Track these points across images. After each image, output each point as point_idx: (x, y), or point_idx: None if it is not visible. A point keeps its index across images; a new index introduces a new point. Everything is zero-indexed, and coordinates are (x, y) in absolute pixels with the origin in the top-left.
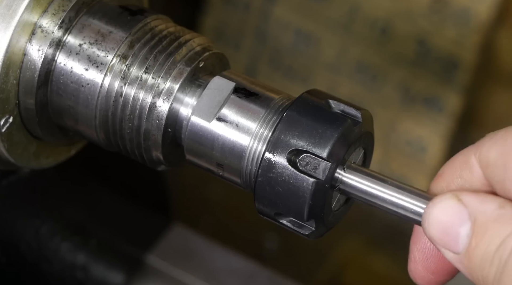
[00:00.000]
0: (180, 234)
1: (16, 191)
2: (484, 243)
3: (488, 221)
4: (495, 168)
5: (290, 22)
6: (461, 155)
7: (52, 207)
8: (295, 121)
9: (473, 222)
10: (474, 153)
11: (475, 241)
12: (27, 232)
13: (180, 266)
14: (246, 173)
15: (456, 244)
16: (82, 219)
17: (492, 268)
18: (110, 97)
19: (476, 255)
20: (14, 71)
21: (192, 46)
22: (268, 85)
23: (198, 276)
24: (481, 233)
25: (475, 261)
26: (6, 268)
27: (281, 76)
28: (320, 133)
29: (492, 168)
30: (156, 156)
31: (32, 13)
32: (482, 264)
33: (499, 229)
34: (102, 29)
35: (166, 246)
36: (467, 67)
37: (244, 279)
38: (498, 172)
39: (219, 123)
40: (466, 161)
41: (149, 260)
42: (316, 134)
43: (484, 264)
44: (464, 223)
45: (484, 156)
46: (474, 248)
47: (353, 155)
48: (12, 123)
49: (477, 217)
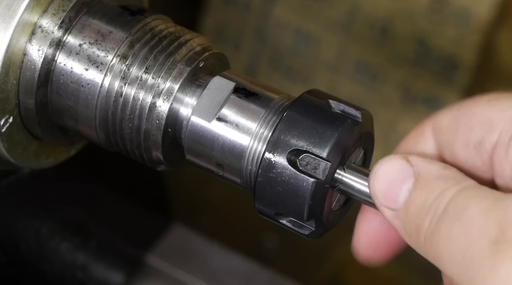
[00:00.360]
0: (180, 234)
1: (16, 191)
2: (422, 195)
3: (431, 177)
4: (447, 133)
5: (290, 22)
6: (417, 127)
7: (52, 207)
8: (295, 121)
9: (416, 179)
10: (429, 124)
11: (415, 194)
12: (27, 232)
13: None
14: (246, 173)
15: (396, 201)
16: (82, 219)
17: (428, 217)
18: (110, 97)
19: (413, 207)
20: (14, 71)
21: (192, 46)
22: (268, 85)
23: (198, 276)
24: (421, 188)
25: (411, 213)
26: (6, 268)
27: (281, 76)
28: (320, 133)
29: (444, 133)
30: (156, 156)
31: (32, 13)
32: (418, 214)
33: (440, 184)
34: (102, 29)
35: (166, 246)
36: (467, 67)
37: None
38: (448, 137)
39: (219, 123)
40: (422, 132)
41: (149, 260)
42: (316, 134)
43: (420, 213)
44: (408, 180)
45: (437, 124)
46: (413, 200)
47: (353, 155)
48: (12, 123)
49: (421, 174)
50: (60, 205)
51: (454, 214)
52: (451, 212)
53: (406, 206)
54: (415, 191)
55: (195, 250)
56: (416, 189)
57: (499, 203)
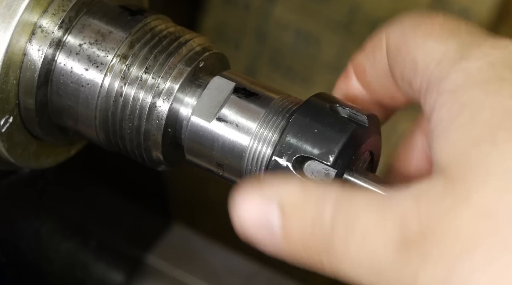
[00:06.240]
0: (180, 234)
1: (16, 191)
2: (296, 220)
3: (294, 198)
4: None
5: (290, 22)
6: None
7: (52, 207)
8: (301, 126)
9: (281, 206)
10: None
11: (288, 220)
12: (27, 232)
13: (180, 266)
14: (246, 173)
15: (273, 233)
16: (82, 219)
17: (315, 240)
18: (110, 97)
19: (293, 234)
20: (14, 71)
21: (192, 46)
22: (268, 85)
23: (198, 276)
24: (290, 212)
25: (293, 238)
26: (6, 268)
27: (281, 76)
28: (327, 139)
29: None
30: (156, 156)
31: (32, 13)
32: (301, 237)
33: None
34: (102, 29)
35: (166, 246)
36: None
37: (244, 279)
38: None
39: (219, 123)
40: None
41: (149, 260)
42: (322, 140)
43: (304, 236)
44: (272, 208)
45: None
46: (289, 228)
47: (361, 158)
48: (12, 123)
49: (282, 198)
50: (60, 205)
51: (346, 228)
52: (340, 228)
53: (285, 234)
54: (287, 217)
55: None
56: (286, 215)
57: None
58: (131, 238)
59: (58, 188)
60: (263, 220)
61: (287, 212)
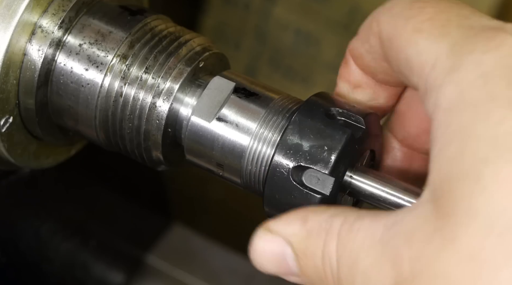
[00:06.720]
0: (180, 234)
1: (16, 191)
2: (309, 260)
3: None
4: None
5: (290, 22)
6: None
7: (52, 207)
8: (302, 127)
9: (291, 246)
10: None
11: (302, 261)
12: (27, 232)
13: (180, 266)
14: (246, 173)
15: (291, 269)
16: (82, 219)
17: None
18: (110, 97)
19: (309, 272)
20: (14, 71)
21: (192, 46)
22: (268, 85)
23: (198, 276)
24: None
25: (312, 277)
26: (6, 268)
27: (281, 76)
28: (324, 145)
29: None
30: (156, 156)
31: (32, 13)
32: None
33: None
34: (102, 29)
35: (166, 246)
36: None
37: (244, 279)
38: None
39: (219, 123)
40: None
41: (149, 260)
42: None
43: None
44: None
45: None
46: (304, 267)
47: (361, 158)
48: (12, 123)
49: (291, 240)
50: (60, 205)
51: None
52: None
53: (303, 273)
54: (300, 259)
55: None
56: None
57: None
58: (131, 238)
59: (58, 188)
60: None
61: (298, 254)
